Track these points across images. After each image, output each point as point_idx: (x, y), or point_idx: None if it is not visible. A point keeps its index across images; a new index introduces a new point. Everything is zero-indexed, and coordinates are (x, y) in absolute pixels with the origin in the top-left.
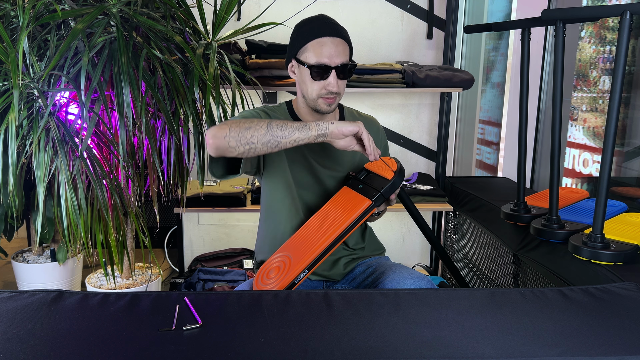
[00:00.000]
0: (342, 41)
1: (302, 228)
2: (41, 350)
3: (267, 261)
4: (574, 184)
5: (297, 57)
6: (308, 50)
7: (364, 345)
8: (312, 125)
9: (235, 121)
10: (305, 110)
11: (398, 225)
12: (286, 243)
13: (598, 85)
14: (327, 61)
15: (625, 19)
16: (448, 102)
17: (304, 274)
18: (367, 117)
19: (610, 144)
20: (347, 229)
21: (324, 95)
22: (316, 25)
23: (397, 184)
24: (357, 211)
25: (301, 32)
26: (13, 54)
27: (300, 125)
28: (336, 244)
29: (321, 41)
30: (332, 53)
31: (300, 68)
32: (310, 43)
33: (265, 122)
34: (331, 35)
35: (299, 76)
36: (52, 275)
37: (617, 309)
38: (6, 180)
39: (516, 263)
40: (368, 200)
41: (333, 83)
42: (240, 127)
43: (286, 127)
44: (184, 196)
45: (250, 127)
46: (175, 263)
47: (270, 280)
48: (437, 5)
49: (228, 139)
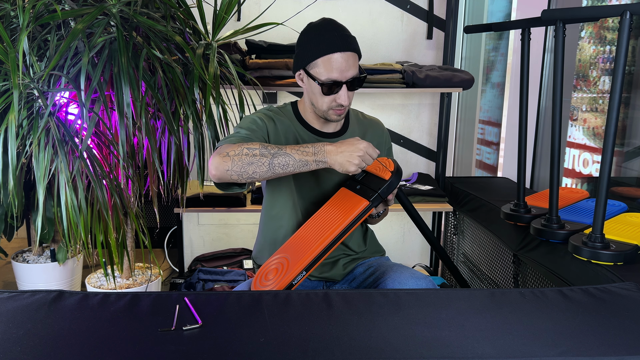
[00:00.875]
0: (352, 54)
1: (300, 230)
2: (41, 350)
3: (266, 263)
4: (574, 184)
5: (306, 69)
6: (319, 66)
7: (364, 345)
8: (312, 164)
9: (237, 153)
10: (312, 115)
11: (398, 225)
12: (284, 245)
13: (598, 85)
14: (338, 76)
15: (625, 19)
16: (448, 102)
17: (302, 275)
18: (372, 120)
19: (610, 144)
20: (344, 229)
21: (335, 108)
22: (327, 38)
23: (394, 184)
24: (354, 212)
25: (312, 45)
26: (13, 54)
27: (302, 163)
28: (334, 245)
29: (332, 57)
30: (342, 68)
31: (310, 81)
32: (321, 59)
33: (267, 158)
34: (342, 50)
35: (308, 87)
36: (52, 276)
37: (617, 309)
38: (6, 180)
39: (516, 263)
40: (365, 201)
41: (344, 97)
42: (242, 161)
43: (288, 165)
44: (184, 196)
45: (253, 162)
46: (175, 263)
47: (268, 282)
48: (437, 5)
49: (230, 173)
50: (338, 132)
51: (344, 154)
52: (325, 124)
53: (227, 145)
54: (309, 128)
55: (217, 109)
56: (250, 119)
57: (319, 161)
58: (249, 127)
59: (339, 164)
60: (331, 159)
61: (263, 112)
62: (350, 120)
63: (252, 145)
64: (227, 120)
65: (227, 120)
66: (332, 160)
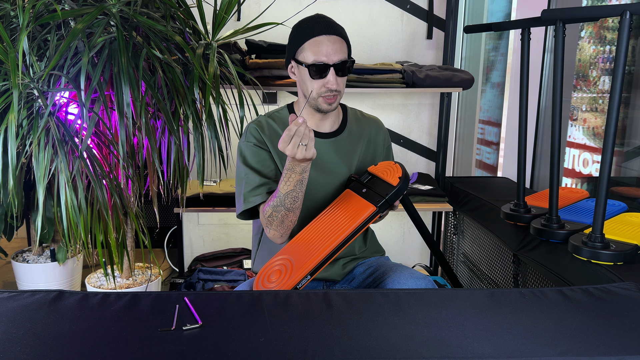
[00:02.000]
0: (338, 38)
1: (304, 231)
2: (41, 350)
3: (269, 263)
4: (574, 184)
5: (295, 57)
6: (305, 50)
7: (364, 345)
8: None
9: (271, 223)
10: (307, 111)
11: (398, 225)
12: (287, 245)
13: (598, 85)
14: (324, 59)
15: (625, 19)
16: (448, 102)
17: (306, 279)
18: (371, 118)
19: (610, 144)
20: (351, 234)
21: (324, 94)
22: (312, 24)
23: (402, 190)
24: (361, 217)
25: (298, 33)
26: (13, 54)
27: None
28: (339, 250)
29: (318, 40)
30: (329, 51)
31: (299, 68)
32: (307, 42)
33: (281, 209)
34: (327, 33)
35: (298, 77)
36: (52, 275)
37: (617, 309)
38: (6, 180)
39: (516, 263)
40: (372, 206)
41: (332, 81)
42: (276, 226)
43: (296, 197)
44: (184, 196)
45: (283, 220)
46: (175, 263)
47: (271, 284)
48: (437, 5)
49: (284, 234)
50: (335, 131)
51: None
52: (321, 122)
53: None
54: None
55: (217, 109)
56: (251, 151)
57: (299, 170)
58: (257, 162)
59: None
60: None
61: (254, 127)
62: (348, 119)
63: (267, 212)
64: (227, 120)
65: (227, 120)
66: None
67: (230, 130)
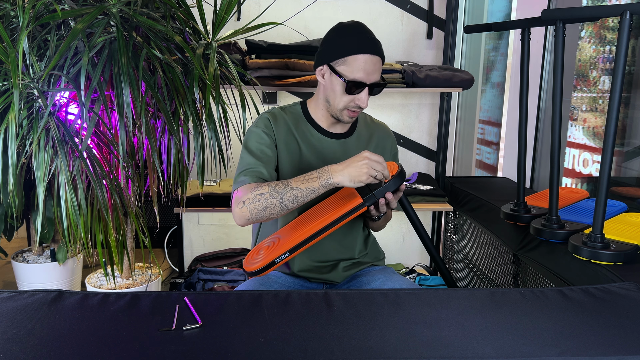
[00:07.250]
0: (379, 59)
1: (300, 216)
2: (41, 350)
3: (262, 241)
4: (574, 184)
5: (332, 65)
6: (347, 64)
7: (364, 345)
8: (320, 189)
9: (251, 201)
10: (323, 114)
11: (398, 225)
12: (284, 227)
13: (598, 85)
14: (363, 78)
15: (625, 19)
16: (448, 102)
17: (285, 255)
18: (380, 124)
19: (610, 144)
20: (333, 222)
21: (351, 108)
22: (359, 39)
23: (390, 186)
24: (346, 207)
25: (342, 43)
26: (13, 54)
27: (310, 191)
28: (321, 234)
29: (362, 58)
30: (369, 70)
31: (333, 76)
32: (351, 57)
33: (277, 198)
34: (372, 53)
35: (328, 83)
36: (52, 275)
37: (617, 309)
38: (6, 180)
39: (516, 263)
40: (359, 198)
41: (364, 99)
42: (257, 207)
43: (297, 198)
44: (184, 196)
45: (266, 206)
46: (175, 263)
47: (257, 259)
48: (437, 5)
49: (251, 220)
50: (345, 133)
51: (352, 167)
52: (333, 125)
53: (243, 189)
54: (317, 127)
55: (217, 109)
56: (256, 135)
57: (326, 183)
58: (258, 149)
59: (350, 177)
60: (338, 176)
61: (266, 117)
62: (358, 123)
63: (262, 189)
64: (227, 120)
65: (227, 120)
66: (341, 177)
67: (230, 130)
